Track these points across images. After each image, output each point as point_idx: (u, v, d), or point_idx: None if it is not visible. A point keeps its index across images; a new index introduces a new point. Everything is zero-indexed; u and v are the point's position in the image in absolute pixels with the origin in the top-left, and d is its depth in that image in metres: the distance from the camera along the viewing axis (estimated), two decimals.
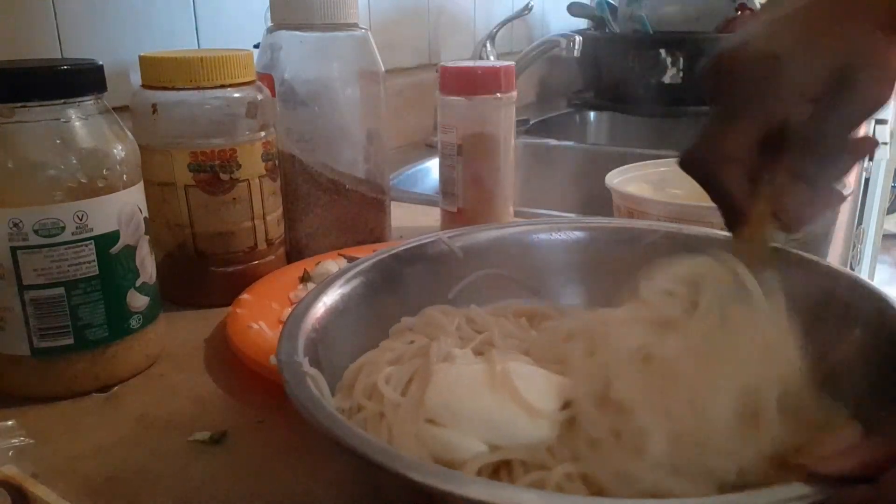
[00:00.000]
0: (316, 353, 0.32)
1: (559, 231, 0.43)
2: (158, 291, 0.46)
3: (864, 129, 1.23)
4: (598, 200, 0.62)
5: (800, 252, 0.37)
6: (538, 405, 0.29)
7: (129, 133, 0.43)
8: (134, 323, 0.43)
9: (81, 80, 0.40)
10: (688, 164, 0.33)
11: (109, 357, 0.42)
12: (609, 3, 1.44)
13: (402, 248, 0.41)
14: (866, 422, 0.27)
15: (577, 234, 0.43)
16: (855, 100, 0.30)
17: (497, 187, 0.64)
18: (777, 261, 0.33)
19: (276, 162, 0.56)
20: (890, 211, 2.44)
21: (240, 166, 0.52)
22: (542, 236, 0.43)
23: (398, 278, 0.40)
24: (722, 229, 0.34)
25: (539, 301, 0.41)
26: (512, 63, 0.63)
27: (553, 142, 1.11)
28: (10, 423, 0.37)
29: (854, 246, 1.43)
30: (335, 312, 0.35)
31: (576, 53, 1.06)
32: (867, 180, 1.56)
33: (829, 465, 0.23)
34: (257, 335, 0.45)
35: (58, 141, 0.39)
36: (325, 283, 0.37)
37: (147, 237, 0.44)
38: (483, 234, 0.43)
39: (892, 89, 0.30)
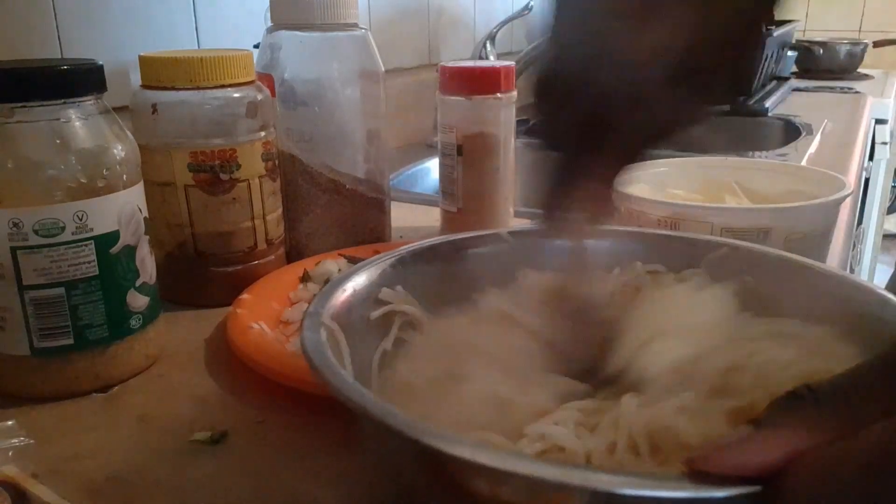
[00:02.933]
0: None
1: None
2: (158, 291, 0.46)
3: (863, 130, 1.23)
4: None
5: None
6: None
7: (129, 133, 0.43)
8: (134, 323, 0.43)
9: (81, 80, 0.40)
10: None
11: (109, 357, 0.43)
12: None
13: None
14: None
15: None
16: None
17: (497, 187, 0.64)
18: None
19: (276, 162, 0.56)
20: (890, 211, 2.44)
21: (240, 166, 0.52)
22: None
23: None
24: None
25: None
26: (512, 63, 0.63)
27: None
28: (10, 423, 0.37)
29: (854, 246, 1.43)
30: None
31: None
32: (867, 180, 1.56)
33: (710, 461, 0.21)
34: (257, 335, 0.45)
35: (58, 141, 0.39)
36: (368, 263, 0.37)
37: (147, 237, 0.44)
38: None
39: None
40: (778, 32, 1.38)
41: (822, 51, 1.79)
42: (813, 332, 0.32)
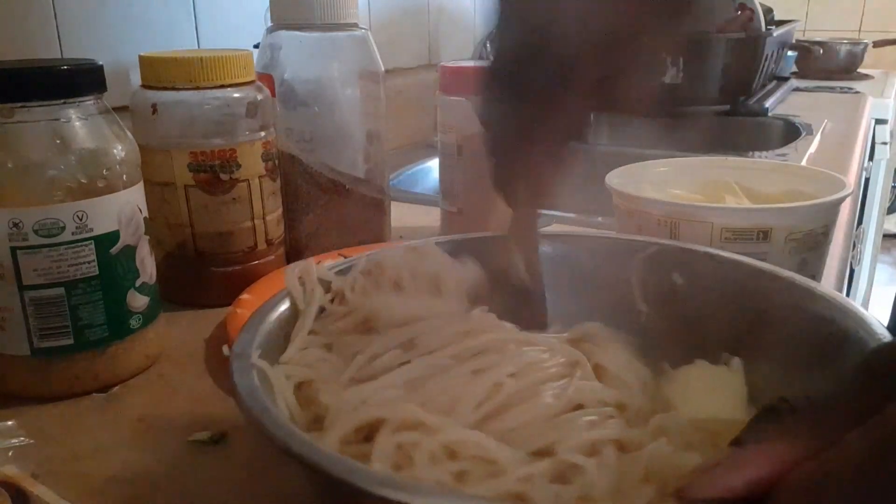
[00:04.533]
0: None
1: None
2: (158, 291, 0.46)
3: (863, 130, 1.23)
4: (598, 200, 0.61)
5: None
6: None
7: (128, 133, 0.43)
8: (134, 323, 0.43)
9: (81, 80, 0.40)
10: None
11: (109, 357, 0.42)
12: None
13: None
14: None
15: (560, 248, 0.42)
16: None
17: None
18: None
19: (276, 162, 0.56)
20: (890, 211, 2.44)
21: (240, 166, 0.52)
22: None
23: None
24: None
25: None
26: None
27: None
28: (10, 423, 0.37)
29: (854, 246, 1.43)
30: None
31: None
32: (867, 180, 1.56)
33: (698, 488, 0.20)
34: None
35: (58, 141, 0.39)
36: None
37: (147, 237, 0.44)
38: None
39: None
40: (778, 32, 1.38)
41: (822, 51, 1.79)
42: None
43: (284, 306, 0.34)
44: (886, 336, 0.27)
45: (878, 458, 0.17)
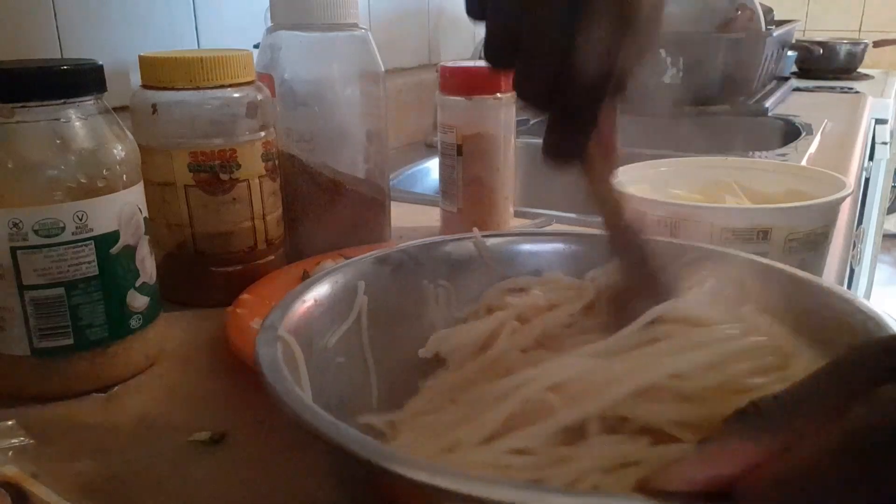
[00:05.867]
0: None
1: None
2: (158, 291, 0.46)
3: (863, 130, 1.23)
4: None
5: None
6: None
7: (128, 133, 0.43)
8: (134, 323, 0.43)
9: (81, 80, 0.40)
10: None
11: (109, 357, 0.42)
12: None
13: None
14: None
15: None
16: None
17: (497, 187, 0.64)
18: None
19: (276, 162, 0.56)
20: (890, 211, 2.44)
21: (240, 166, 0.52)
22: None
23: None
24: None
25: None
26: None
27: None
28: (10, 423, 0.37)
29: (854, 246, 1.43)
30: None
31: None
32: (867, 180, 1.56)
33: (661, 479, 0.21)
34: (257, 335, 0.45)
35: (58, 141, 0.39)
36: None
37: (147, 237, 0.44)
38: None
39: None
40: (778, 32, 1.38)
41: (822, 51, 1.79)
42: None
43: (322, 288, 0.35)
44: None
45: (839, 457, 0.18)
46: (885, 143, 1.58)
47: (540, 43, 0.30)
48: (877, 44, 1.95)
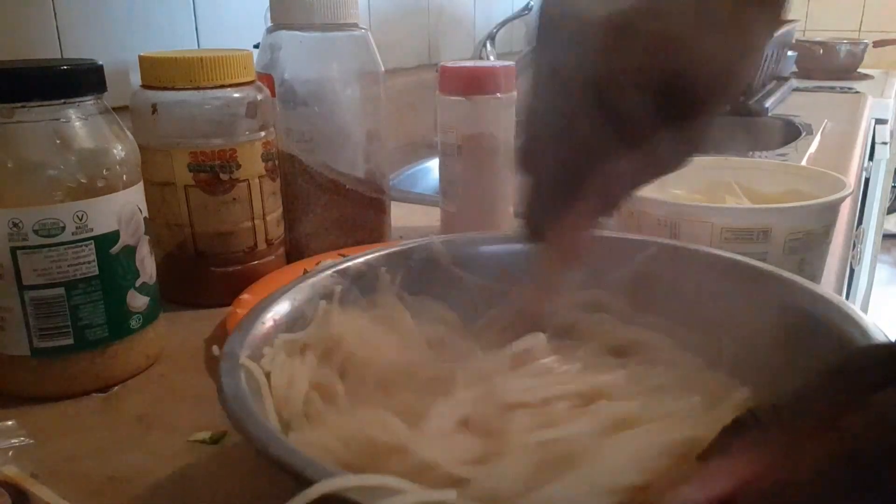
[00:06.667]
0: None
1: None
2: (158, 291, 0.46)
3: (863, 130, 1.23)
4: None
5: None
6: None
7: (128, 133, 0.43)
8: (134, 323, 0.43)
9: (81, 80, 0.40)
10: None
11: (109, 357, 0.42)
12: None
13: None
14: None
15: None
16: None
17: (497, 187, 0.64)
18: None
19: (276, 162, 0.56)
20: (890, 211, 2.44)
21: (240, 166, 0.52)
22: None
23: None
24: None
25: None
26: (512, 63, 0.63)
27: None
28: (10, 423, 0.37)
29: (854, 246, 1.43)
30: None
31: None
32: (867, 180, 1.56)
33: (672, 499, 0.21)
34: None
35: (58, 141, 0.39)
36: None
37: (147, 237, 0.44)
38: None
39: None
40: (778, 32, 1.38)
41: (822, 51, 1.79)
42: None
43: (281, 307, 0.34)
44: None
45: (835, 468, 0.18)
46: (885, 143, 1.58)
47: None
48: (877, 44, 1.95)
